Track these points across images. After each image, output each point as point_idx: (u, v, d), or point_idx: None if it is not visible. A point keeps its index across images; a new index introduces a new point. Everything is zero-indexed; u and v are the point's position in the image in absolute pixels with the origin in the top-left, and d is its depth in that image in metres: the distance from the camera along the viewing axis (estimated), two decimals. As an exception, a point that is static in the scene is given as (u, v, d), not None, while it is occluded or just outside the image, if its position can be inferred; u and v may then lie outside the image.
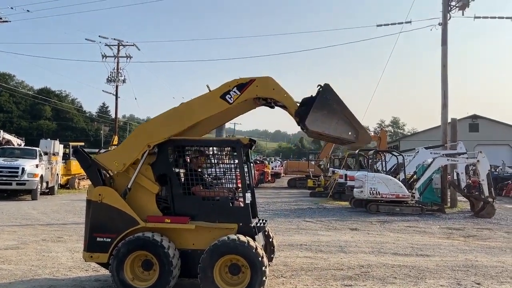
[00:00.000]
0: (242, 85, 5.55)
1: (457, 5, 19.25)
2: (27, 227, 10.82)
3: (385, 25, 22.56)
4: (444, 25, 19.38)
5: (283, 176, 39.46)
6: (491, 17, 21.19)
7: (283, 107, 5.91)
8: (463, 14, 19.50)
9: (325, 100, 5.46)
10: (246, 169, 5.79)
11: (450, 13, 19.46)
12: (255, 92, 5.60)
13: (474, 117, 48.18)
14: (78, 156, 5.89)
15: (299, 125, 5.77)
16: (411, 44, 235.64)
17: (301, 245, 9.05)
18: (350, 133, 5.54)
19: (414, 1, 36.75)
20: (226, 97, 5.55)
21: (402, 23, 21.95)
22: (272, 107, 6.06)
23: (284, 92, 5.61)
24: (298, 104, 5.59)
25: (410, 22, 21.75)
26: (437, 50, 19.59)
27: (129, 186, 5.60)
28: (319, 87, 5.53)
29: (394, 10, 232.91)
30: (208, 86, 5.86)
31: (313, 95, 5.57)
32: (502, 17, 21.32)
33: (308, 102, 5.51)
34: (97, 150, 7.58)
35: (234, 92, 5.54)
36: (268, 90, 5.60)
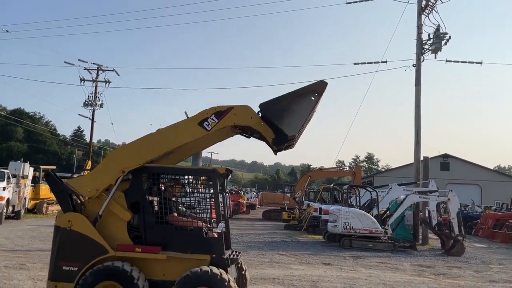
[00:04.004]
0: (220, 113, 5.57)
1: (430, 48, 20.11)
2: (-11, 252, 10.33)
3: (362, 63, 23.26)
4: (417, 66, 20.17)
5: (258, 207, 39.25)
6: (462, 61, 22.14)
7: (260, 138, 5.94)
8: (435, 57, 20.37)
9: (271, 110, 5.58)
10: (221, 199, 5.75)
11: (423, 55, 20.31)
12: (233, 120, 5.60)
13: (445, 156, 49.51)
14: (49, 179, 5.73)
15: (276, 153, 5.82)
16: (387, 82, 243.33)
17: (273, 279, 8.93)
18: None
19: (389, 42, 38.36)
20: (204, 124, 5.54)
21: (378, 62, 22.72)
22: (248, 136, 6.08)
23: (262, 121, 5.61)
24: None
25: (386, 62, 22.50)
26: (412, 89, 20.21)
27: (100, 213, 5.47)
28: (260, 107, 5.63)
29: (370, 50, 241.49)
30: (186, 113, 5.89)
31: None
32: (472, 62, 22.28)
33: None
34: (70, 175, 7.37)
35: (212, 119, 5.55)
36: (246, 119, 5.62)
